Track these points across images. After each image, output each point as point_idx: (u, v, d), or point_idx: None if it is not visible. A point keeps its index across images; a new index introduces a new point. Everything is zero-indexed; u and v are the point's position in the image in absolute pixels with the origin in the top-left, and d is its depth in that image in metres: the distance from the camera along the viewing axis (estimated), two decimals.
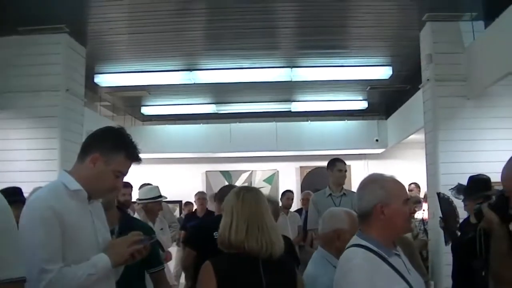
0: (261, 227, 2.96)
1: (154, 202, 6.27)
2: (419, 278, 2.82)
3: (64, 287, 2.51)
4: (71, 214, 2.63)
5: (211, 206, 8.87)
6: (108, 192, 2.91)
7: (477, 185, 5.24)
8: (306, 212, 8.41)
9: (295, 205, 11.49)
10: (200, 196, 10.49)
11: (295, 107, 13.61)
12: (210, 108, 13.79)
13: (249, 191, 3.16)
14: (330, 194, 6.87)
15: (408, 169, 12.66)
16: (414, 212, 8.64)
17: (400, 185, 2.85)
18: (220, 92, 12.56)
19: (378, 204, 2.74)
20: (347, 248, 2.81)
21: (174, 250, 9.76)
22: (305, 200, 9.98)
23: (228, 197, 3.18)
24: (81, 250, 2.62)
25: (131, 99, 13.07)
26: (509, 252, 2.84)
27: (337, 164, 7.02)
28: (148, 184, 7.38)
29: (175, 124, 14.66)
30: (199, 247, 4.91)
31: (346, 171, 7.02)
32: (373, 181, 2.86)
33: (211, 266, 2.89)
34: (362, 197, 2.84)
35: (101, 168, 2.74)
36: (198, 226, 6.06)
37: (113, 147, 2.78)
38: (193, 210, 10.82)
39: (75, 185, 2.71)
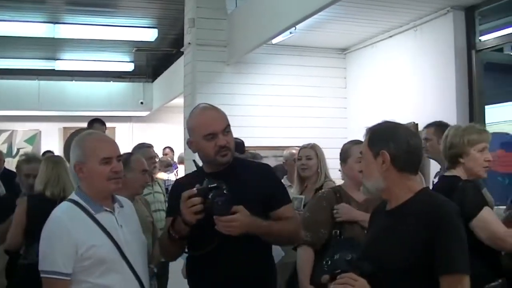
0: (56, 180, 4.52)
1: None
2: (142, 238, 3.02)
3: None
4: None
5: None
6: None
7: None
8: None
9: None
10: None
11: (59, 65, 13.20)
12: None
13: (52, 158, 4.90)
14: None
15: (171, 132, 13.06)
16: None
17: (98, 144, 2.85)
18: None
19: (76, 163, 2.82)
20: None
21: None
22: None
23: None
24: None
25: None
26: None
27: (94, 125, 7.02)
28: None
29: None
30: None
31: (104, 132, 6.98)
32: (75, 140, 2.92)
33: (26, 200, 4.57)
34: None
35: None
36: None
37: None
38: None
39: None
